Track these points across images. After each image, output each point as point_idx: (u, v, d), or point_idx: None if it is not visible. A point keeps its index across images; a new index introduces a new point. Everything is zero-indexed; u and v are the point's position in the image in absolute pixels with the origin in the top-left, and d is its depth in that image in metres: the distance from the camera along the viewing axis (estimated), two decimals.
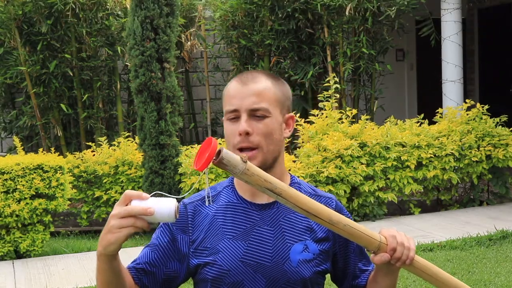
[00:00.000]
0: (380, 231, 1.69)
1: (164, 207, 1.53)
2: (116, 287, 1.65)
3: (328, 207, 1.79)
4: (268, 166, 1.72)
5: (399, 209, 7.43)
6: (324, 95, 7.49)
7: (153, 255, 1.77)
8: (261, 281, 1.71)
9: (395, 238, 1.64)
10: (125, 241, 1.56)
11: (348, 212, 1.88)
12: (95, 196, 7.21)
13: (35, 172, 6.02)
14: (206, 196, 1.71)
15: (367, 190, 6.87)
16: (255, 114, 1.71)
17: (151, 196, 1.55)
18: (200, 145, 1.60)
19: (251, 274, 1.71)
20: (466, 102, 7.74)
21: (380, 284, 1.78)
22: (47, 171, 6.06)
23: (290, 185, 1.81)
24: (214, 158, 1.49)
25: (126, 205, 1.54)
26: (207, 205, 1.73)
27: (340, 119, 7.35)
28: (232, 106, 1.71)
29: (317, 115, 7.30)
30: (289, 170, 6.56)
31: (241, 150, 1.70)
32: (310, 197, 1.78)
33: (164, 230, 1.78)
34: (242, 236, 1.73)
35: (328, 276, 1.89)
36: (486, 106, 7.58)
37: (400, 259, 1.65)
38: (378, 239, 1.64)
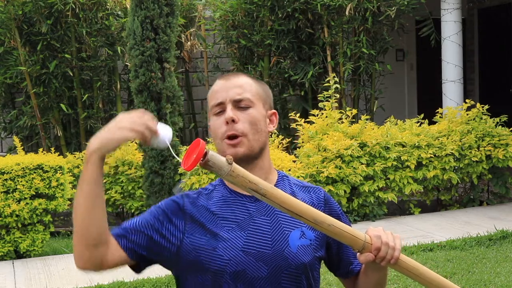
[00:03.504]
0: (366, 230, 1.72)
1: (166, 132, 1.67)
2: (100, 203, 1.64)
3: (317, 197, 1.87)
4: (255, 155, 1.78)
5: (399, 209, 7.43)
6: (324, 95, 7.49)
7: (143, 220, 1.76)
8: (263, 269, 1.74)
9: (379, 238, 1.68)
10: (120, 145, 1.63)
11: (336, 202, 1.92)
12: None
13: (35, 172, 6.02)
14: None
15: (367, 190, 6.87)
16: (239, 105, 1.78)
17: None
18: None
19: (253, 262, 1.73)
20: (466, 102, 7.74)
21: (370, 278, 1.83)
22: (47, 171, 6.06)
23: (278, 178, 1.86)
24: (201, 159, 1.53)
25: None
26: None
27: (340, 119, 7.35)
28: (218, 100, 1.80)
29: (317, 115, 7.29)
30: (289, 170, 6.56)
31: (228, 138, 1.75)
32: (299, 189, 1.86)
33: (159, 210, 1.78)
34: (240, 227, 1.76)
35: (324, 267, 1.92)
36: (486, 106, 7.58)
37: (385, 259, 1.68)
38: (363, 239, 1.67)
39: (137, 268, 1.79)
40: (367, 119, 7.38)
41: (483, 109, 7.58)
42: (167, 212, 1.77)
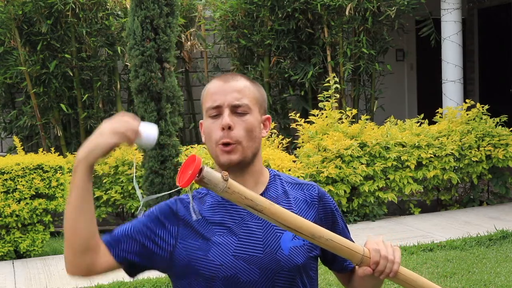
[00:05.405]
0: (366, 242, 1.70)
1: (150, 131, 1.67)
2: (88, 209, 1.64)
3: (310, 194, 1.86)
4: (248, 162, 1.77)
5: (399, 209, 7.43)
6: (324, 95, 7.49)
7: (135, 227, 1.75)
8: (255, 273, 1.73)
9: (378, 252, 1.67)
10: (109, 151, 1.61)
11: (331, 197, 1.91)
12: (95, 196, 7.21)
13: (35, 172, 6.02)
14: (192, 211, 1.69)
15: (367, 190, 6.87)
16: (236, 111, 1.75)
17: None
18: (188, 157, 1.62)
19: (244, 266, 1.73)
20: (466, 102, 7.74)
21: (365, 282, 1.82)
22: (47, 171, 6.06)
23: (270, 179, 1.85)
24: (197, 176, 1.52)
25: None
26: (194, 219, 1.71)
27: (340, 119, 7.35)
28: (215, 102, 1.76)
29: (317, 115, 7.30)
30: (289, 170, 6.56)
31: (224, 145, 1.73)
32: (291, 187, 1.86)
33: (151, 216, 1.77)
34: (232, 231, 1.75)
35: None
36: (486, 106, 7.58)
37: (383, 272, 1.67)
38: (361, 253, 1.65)
39: (131, 273, 1.78)
40: (367, 119, 7.38)
41: (483, 109, 7.58)
42: (160, 217, 1.76)
